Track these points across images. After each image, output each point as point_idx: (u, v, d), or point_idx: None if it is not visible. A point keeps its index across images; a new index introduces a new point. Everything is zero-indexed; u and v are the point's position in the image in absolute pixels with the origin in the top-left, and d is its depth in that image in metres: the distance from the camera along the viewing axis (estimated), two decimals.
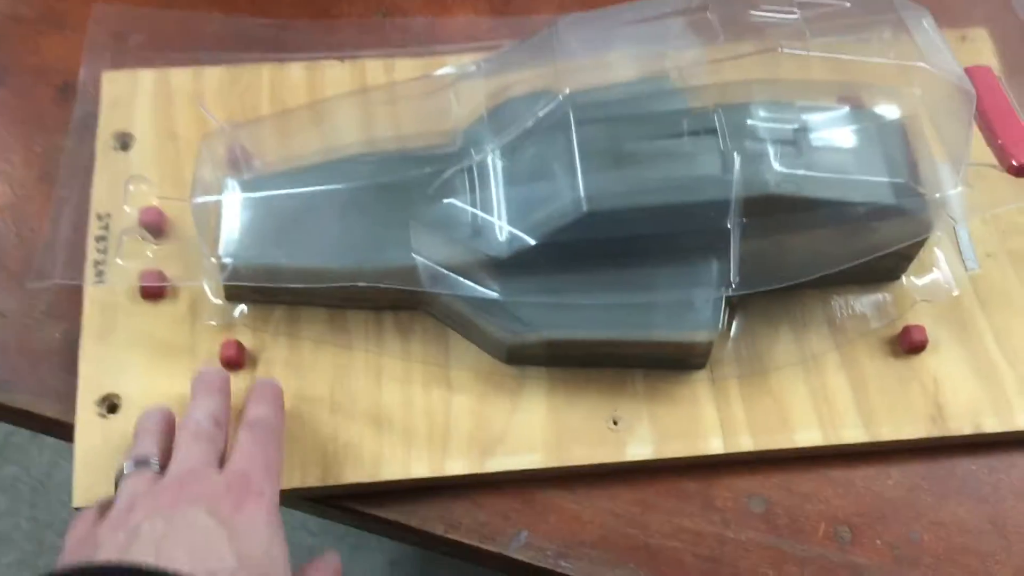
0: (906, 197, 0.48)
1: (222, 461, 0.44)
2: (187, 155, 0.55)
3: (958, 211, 0.48)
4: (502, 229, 0.47)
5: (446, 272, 0.48)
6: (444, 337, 0.52)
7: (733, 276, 0.46)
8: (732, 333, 0.53)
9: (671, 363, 0.51)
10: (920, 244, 0.52)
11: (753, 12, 0.47)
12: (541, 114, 0.47)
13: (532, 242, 0.47)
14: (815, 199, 0.47)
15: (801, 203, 0.47)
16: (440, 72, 0.50)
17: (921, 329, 0.52)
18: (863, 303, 0.54)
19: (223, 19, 0.61)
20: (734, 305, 0.52)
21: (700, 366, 0.52)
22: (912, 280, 0.53)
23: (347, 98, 0.51)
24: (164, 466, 0.44)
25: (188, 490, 0.41)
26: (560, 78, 0.49)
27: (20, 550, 1.09)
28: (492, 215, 0.47)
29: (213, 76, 0.59)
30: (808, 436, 0.51)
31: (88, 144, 0.55)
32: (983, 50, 0.62)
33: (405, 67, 0.60)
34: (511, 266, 0.48)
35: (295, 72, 0.59)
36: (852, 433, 0.51)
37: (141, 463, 0.43)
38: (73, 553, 0.41)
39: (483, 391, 0.51)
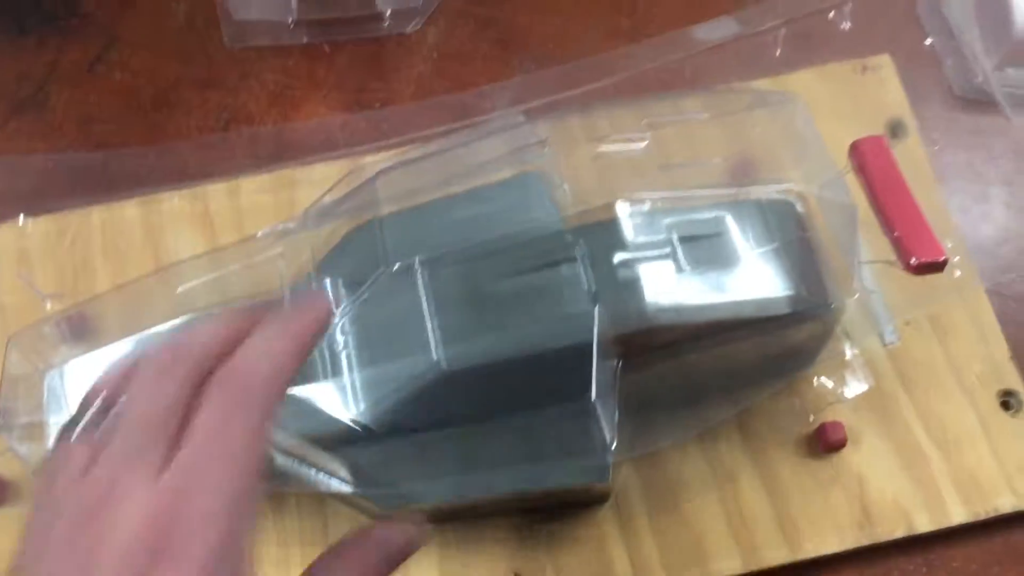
0: (802, 306, 0.43)
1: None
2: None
3: (857, 326, 0.43)
4: (356, 401, 0.42)
5: (295, 458, 0.43)
6: (322, 508, 0.47)
7: (609, 436, 0.41)
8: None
9: (568, 505, 0.47)
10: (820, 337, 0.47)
11: (601, 146, 0.42)
12: (385, 267, 0.42)
13: (387, 414, 0.42)
14: (699, 324, 0.42)
15: (683, 331, 0.42)
16: (261, 233, 0.44)
17: (838, 426, 0.48)
18: (774, 403, 0.49)
19: (46, 157, 0.55)
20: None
21: (601, 503, 0.47)
22: (822, 378, 0.49)
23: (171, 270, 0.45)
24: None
25: (84, 542, 0.26)
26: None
27: None
28: (344, 386, 0.42)
29: (38, 229, 0.53)
30: (727, 565, 0.46)
31: None
32: (887, 80, 0.57)
33: (251, 186, 0.54)
34: (372, 439, 0.43)
35: (128, 212, 0.53)
36: (774, 554, 0.47)
37: (66, 436, 0.29)
38: None
39: None
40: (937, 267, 0.42)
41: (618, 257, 0.42)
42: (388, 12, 0.59)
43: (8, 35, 0.59)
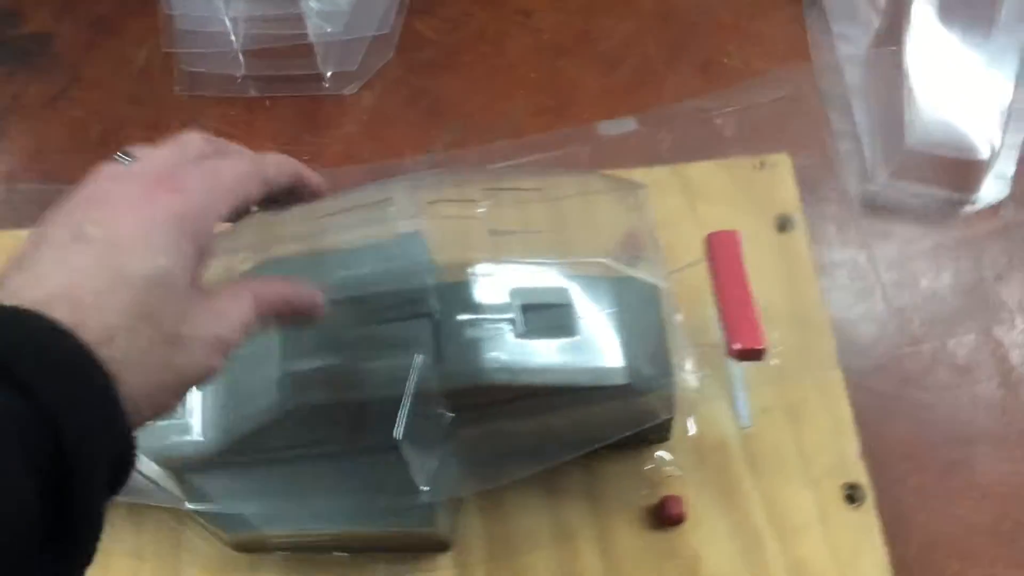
0: (638, 380, 0.45)
1: None
2: None
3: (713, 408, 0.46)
4: (209, 430, 0.45)
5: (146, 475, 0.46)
6: (180, 525, 0.50)
7: (420, 480, 0.44)
8: (479, 508, 0.50)
9: (409, 548, 0.49)
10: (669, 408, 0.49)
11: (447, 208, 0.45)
12: None
13: (231, 440, 0.45)
14: (532, 386, 0.45)
15: (518, 391, 0.45)
16: None
17: (677, 501, 0.49)
18: (623, 470, 0.51)
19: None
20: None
21: (442, 550, 0.49)
22: (663, 452, 0.51)
23: None
24: None
25: (100, 190, 0.35)
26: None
27: None
28: (200, 416, 0.46)
29: None
30: None
31: None
32: (782, 177, 0.59)
33: None
34: (220, 467, 0.46)
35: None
36: None
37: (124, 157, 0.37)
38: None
39: None
40: (756, 354, 0.44)
41: (466, 318, 0.45)
42: (329, 74, 0.64)
43: None
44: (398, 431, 0.42)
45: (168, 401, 0.33)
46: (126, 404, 0.30)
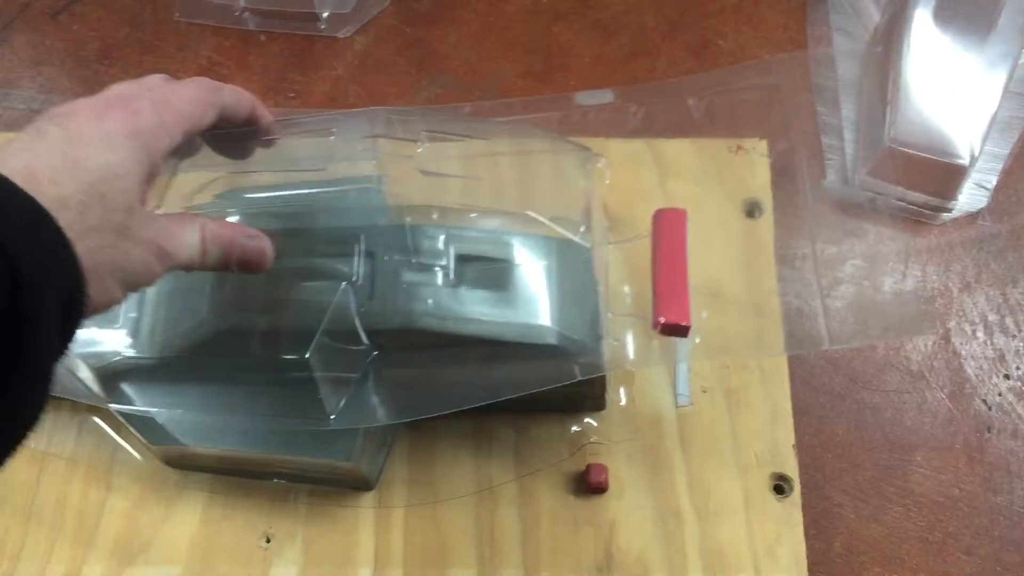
0: (566, 342, 0.45)
1: None
2: None
3: (653, 383, 0.45)
4: (145, 341, 0.46)
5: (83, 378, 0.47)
6: (117, 435, 0.51)
7: (329, 407, 0.44)
8: (408, 454, 0.51)
9: (332, 483, 0.50)
10: (601, 378, 0.49)
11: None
12: None
13: (162, 354, 0.46)
14: (459, 335, 0.45)
15: (444, 338, 0.45)
16: None
17: (601, 469, 0.50)
18: (554, 434, 0.51)
19: None
20: (411, 426, 0.50)
21: (364, 489, 0.50)
22: (592, 419, 0.51)
23: None
24: None
25: (65, 108, 0.37)
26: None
27: None
28: (138, 328, 0.47)
29: None
30: (462, 573, 0.49)
31: None
32: (756, 162, 0.58)
33: None
34: (151, 377, 0.47)
35: None
36: (510, 574, 0.49)
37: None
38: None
39: (141, 494, 0.50)
40: (681, 330, 0.44)
41: (402, 261, 0.46)
42: (325, 15, 0.64)
43: None
44: (311, 352, 0.42)
45: (110, 289, 0.35)
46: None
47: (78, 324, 0.33)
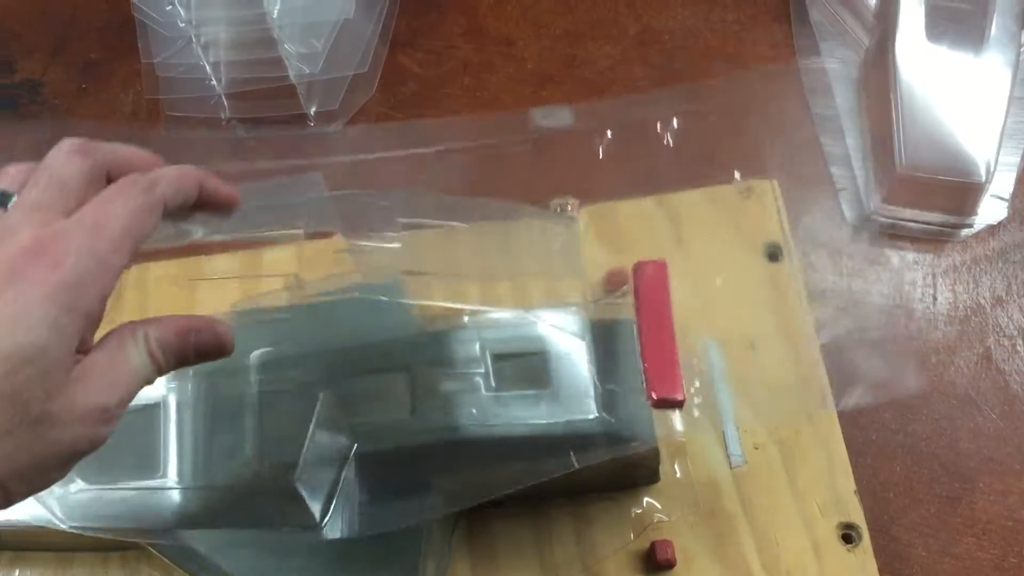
0: (605, 427, 0.45)
1: None
2: None
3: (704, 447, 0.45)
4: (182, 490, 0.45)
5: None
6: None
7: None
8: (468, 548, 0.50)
9: None
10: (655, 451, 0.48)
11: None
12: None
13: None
14: (505, 437, 0.44)
15: (491, 442, 0.44)
16: None
17: (667, 545, 0.48)
18: (613, 515, 0.50)
19: None
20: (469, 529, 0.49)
21: None
22: (649, 498, 0.50)
23: None
24: None
25: None
26: None
27: None
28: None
29: None
30: None
31: None
32: (767, 205, 0.58)
33: (158, 270, 0.59)
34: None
35: None
36: None
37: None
38: None
39: None
40: (675, 404, 0.42)
41: (437, 371, 0.45)
42: (312, 112, 0.63)
43: None
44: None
45: (47, 476, 0.32)
46: None
47: None
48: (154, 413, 0.46)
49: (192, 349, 0.36)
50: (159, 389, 0.47)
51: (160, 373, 0.35)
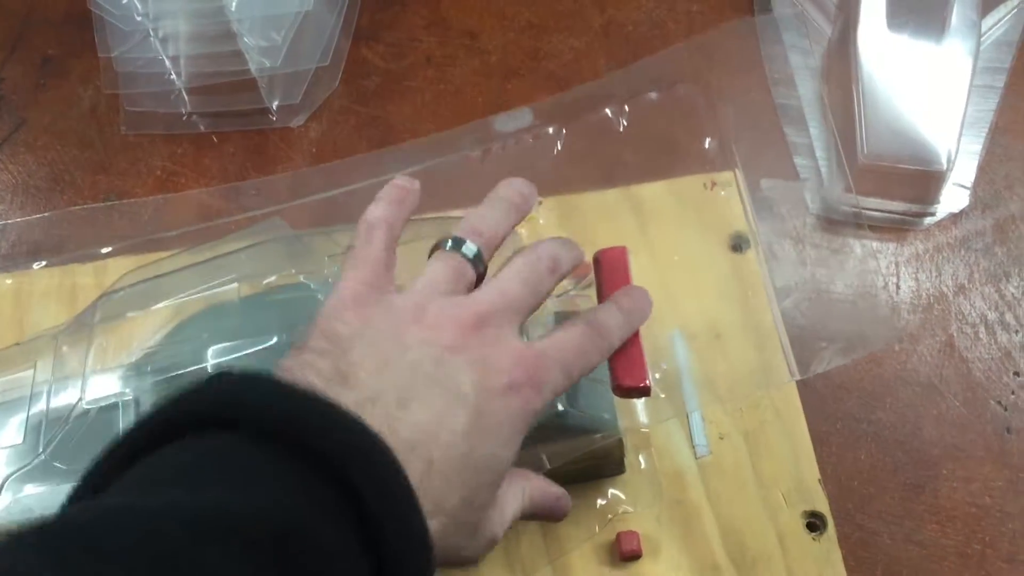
0: (572, 420, 0.44)
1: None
2: None
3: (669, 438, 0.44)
4: None
5: None
6: None
7: None
8: None
9: None
10: (619, 442, 0.48)
11: None
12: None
13: None
14: None
15: None
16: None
17: (632, 536, 0.48)
18: (578, 506, 0.50)
19: None
20: None
21: None
22: (613, 487, 0.50)
23: None
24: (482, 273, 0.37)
25: (477, 336, 0.34)
26: None
27: None
28: None
29: None
30: None
31: None
32: (731, 196, 0.58)
33: (119, 266, 0.58)
34: None
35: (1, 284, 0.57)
36: None
37: (460, 244, 0.36)
38: (325, 327, 0.34)
39: None
40: (642, 392, 0.42)
41: None
42: (275, 106, 0.63)
43: None
44: None
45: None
46: None
47: None
48: (114, 413, 0.46)
49: (543, 518, 0.39)
50: (119, 386, 0.46)
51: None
